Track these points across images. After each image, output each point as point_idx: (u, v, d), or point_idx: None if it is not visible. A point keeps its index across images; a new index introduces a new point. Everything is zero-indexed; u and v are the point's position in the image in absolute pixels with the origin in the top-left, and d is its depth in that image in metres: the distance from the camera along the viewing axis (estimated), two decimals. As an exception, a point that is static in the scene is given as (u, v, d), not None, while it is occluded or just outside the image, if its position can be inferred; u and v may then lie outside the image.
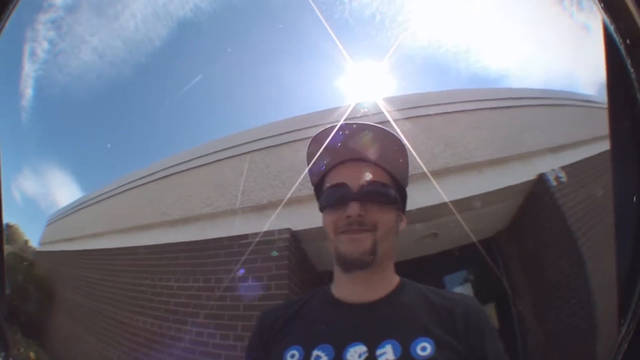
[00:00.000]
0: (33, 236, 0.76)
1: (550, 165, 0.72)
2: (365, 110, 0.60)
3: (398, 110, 0.63)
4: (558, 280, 0.76)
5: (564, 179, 0.73)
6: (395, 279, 0.37)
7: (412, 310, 0.36)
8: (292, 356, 0.35)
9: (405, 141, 0.36)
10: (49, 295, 0.79)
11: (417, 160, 0.62)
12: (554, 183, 0.72)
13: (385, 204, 0.35)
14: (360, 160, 0.36)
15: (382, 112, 0.61)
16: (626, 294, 0.47)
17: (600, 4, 0.47)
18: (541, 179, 0.70)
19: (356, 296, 0.36)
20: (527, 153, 0.73)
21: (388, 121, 0.62)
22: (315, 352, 0.34)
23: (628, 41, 0.45)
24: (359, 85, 0.61)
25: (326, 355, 0.34)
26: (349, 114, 0.55)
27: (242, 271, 0.54)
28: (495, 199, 0.66)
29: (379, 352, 0.33)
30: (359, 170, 0.36)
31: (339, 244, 0.35)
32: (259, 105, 0.61)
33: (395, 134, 0.37)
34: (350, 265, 0.35)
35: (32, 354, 0.70)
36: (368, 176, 0.36)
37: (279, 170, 0.56)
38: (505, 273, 0.67)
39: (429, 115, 0.68)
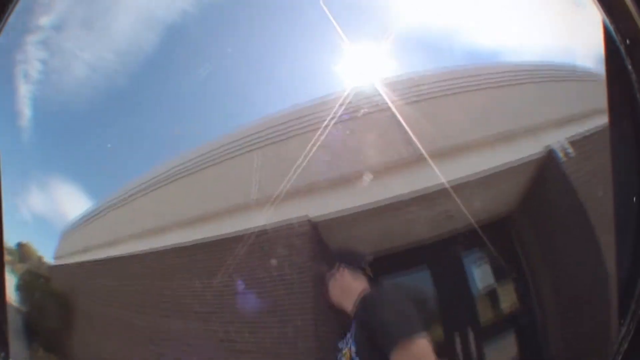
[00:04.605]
0: (47, 252, 0.77)
1: (557, 139, 0.72)
2: (365, 97, 0.60)
3: (399, 94, 0.62)
4: (573, 253, 0.75)
5: (572, 153, 0.72)
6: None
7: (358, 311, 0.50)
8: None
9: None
10: (68, 308, 0.80)
11: (428, 140, 0.62)
12: (563, 156, 0.72)
13: None
14: None
15: (382, 98, 0.61)
16: (626, 294, 0.47)
17: (600, 4, 0.46)
18: (550, 153, 0.70)
19: None
20: (535, 127, 0.72)
21: (388, 106, 0.61)
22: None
23: (628, 41, 0.45)
24: (356, 73, 0.61)
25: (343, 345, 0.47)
26: (350, 101, 0.56)
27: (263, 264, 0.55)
28: (505, 177, 0.66)
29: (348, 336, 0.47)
30: None
31: None
32: (262, 97, 0.61)
33: None
34: None
35: (54, 368, 0.71)
36: None
37: (290, 160, 0.57)
38: (522, 251, 0.67)
39: (431, 97, 0.68)
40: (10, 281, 0.77)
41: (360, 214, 0.59)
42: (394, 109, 0.59)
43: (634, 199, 0.50)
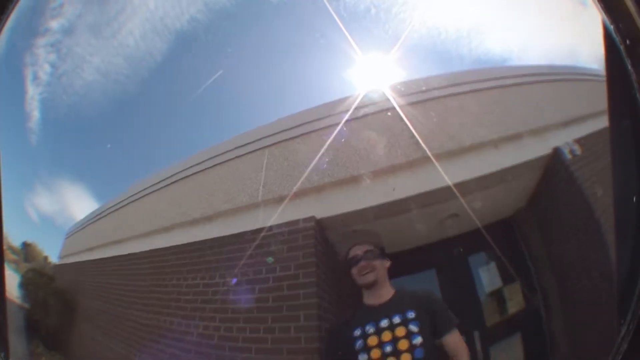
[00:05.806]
0: (52, 252, 0.77)
1: (564, 139, 0.72)
2: (372, 99, 0.61)
3: (405, 96, 0.63)
4: (578, 253, 0.75)
5: (578, 152, 0.73)
6: (393, 290, 0.63)
7: (404, 301, 0.63)
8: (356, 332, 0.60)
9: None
10: (70, 306, 0.80)
11: (434, 142, 0.63)
12: (569, 156, 0.73)
13: (374, 259, 0.62)
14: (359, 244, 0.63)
15: (389, 100, 0.62)
16: (626, 294, 0.47)
17: (600, 4, 0.47)
18: (556, 153, 0.70)
19: (374, 301, 0.62)
20: (541, 128, 0.73)
21: (394, 108, 0.63)
22: (366, 327, 0.60)
23: (628, 41, 0.46)
24: (364, 77, 0.63)
25: (372, 327, 0.60)
26: (358, 103, 0.58)
27: (268, 261, 0.57)
28: (512, 176, 0.67)
29: (393, 320, 0.61)
30: (360, 248, 0.62)
31: (357, 279, 0.62)
32: (270, 100, 0.62)
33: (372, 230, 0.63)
34: (364, 286, 0.62)
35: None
36: (363, 249, 0.62)
37: (297, 162, 0.58)
38: (528, 250, 0.67)
39: (439, 97, 0.69)
40: (13, 279, 0.78)
41: (366, 214, 0.60)
42: (400, 112, 0.60)
43: (634, 198, 0.51)
